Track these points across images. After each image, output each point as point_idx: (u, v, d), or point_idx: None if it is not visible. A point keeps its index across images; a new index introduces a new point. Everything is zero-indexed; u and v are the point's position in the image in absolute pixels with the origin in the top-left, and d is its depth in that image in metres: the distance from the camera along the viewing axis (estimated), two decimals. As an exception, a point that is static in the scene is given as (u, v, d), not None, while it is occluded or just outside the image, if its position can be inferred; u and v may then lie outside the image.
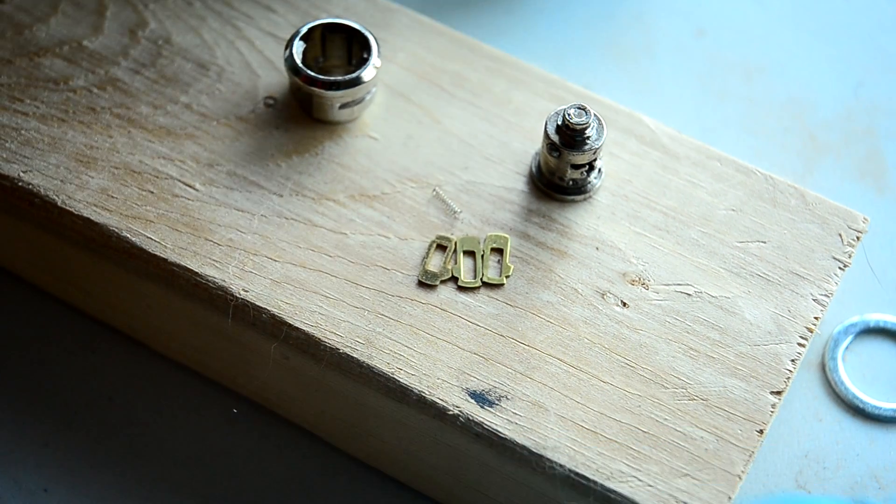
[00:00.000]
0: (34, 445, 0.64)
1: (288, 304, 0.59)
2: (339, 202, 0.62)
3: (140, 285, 0.62)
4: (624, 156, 0.64)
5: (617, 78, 0.76)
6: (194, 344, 0.64)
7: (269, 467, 0.64)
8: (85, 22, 0.67)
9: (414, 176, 0.63)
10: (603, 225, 0.62)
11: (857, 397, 0.66)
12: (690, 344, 0.59)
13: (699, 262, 0.61)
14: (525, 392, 0.57)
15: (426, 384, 0.57)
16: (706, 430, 0.57)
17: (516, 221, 0.62)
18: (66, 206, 0.61)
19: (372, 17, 0.68)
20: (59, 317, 0.68)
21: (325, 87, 0.62)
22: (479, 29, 0.76)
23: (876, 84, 0.76)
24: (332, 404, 0.61)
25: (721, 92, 0.76)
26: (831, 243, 0.62)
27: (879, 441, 0.65)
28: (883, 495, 0.64)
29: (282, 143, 0.64)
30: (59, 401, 0.65)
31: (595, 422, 0.57)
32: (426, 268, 0.60)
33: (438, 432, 0.58)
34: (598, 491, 0.56)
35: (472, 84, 0.66)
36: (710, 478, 0.56)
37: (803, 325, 0.60)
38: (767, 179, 0.64)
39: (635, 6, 0.79)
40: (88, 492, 0.63)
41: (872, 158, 0.74)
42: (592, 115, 0.61)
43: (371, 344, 0.58)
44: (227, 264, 0.60)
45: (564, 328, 0.59)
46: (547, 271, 0.61)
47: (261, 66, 0.66)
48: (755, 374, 0.58)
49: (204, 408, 0.65)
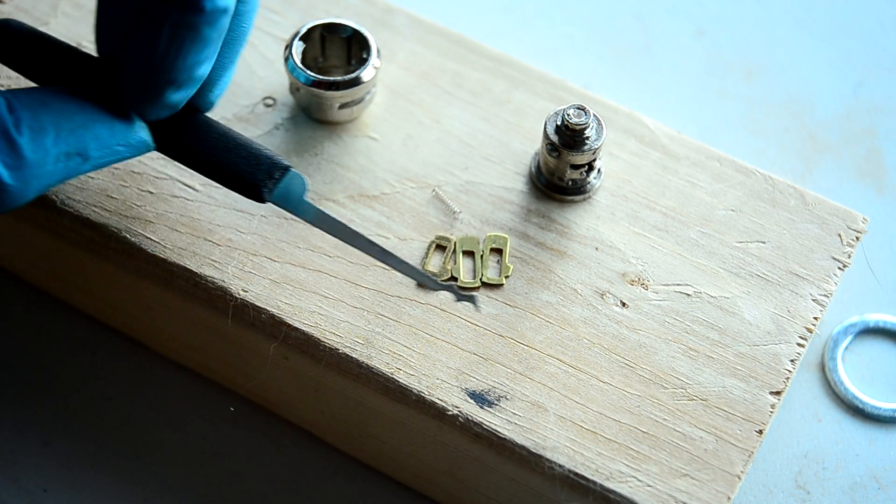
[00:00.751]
0: (34, 445, 0.64)
1: (287, 305, 0.59)
2: (338, 202, 0.62)
3: (140, 285, 0.62)
4: (623, 156, 0.64)
5: (617, 78, 0.76)
6: (194, 344, 0.64)
7: (269, 467, 0.64)
8: (85, 22, 0.67)
9: (413, 176, 0.63)
10: (602, 225, 0.62)
11: (856, 397, 0.66)
12: (690, 344, 0.59)
13: (698, 263, 0.61)
14: (524, 392, 0.57)
15: (425, 384, 0.57)
16: (705, 430, 0.57)
17: (516, 222, 0.62)
18: (65, 206, 0.61)
19: (372, 17, 0.68)
20: (59, 317, 0.68)
21: (325, 88, 0.62)
22: (479, 29, 0.76)
23: (876, 84, 0.76)
24: (332, 404, 0.61)
25: (721, 92, 0.76)
26: (831, 243, 0.62)
27: (879, 441, 0.65)
28: (883, 495, 0.64)
29: (281, 143, 0.64)
30: (59, 401, 0.65)
31: (594, 422, 0.57)
32: (426, 268, 0.60)
33: (438, 432, 0.58)
34: (598, 491, 0.56)
35: (471, 84, 0.66)
36: (710, 478, 0.56)
37: (803, 326, 0.60)
38: (767, 180, 0.64)
39: (635, 6, 0.79)
40: (88, 492, 0.63)
41: (872, 158, 0.74)
42: (592, 116, 0.61)
43: (370, 344, 0.58)
44: (226, 264, 0.60)
45: (564, 328, 0.59)
46: (546, 271, 0.61)
47: (260, 66, 0.66)
48: (754, 375, 0.58)
49: (203, 408, 0.65)
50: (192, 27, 0.52)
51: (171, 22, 0.52)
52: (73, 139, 0.53)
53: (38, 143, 0.52)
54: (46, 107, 0.53)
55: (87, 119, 0.54)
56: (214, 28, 0.53)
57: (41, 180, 0.53)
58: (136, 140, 0.56)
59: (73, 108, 0.54)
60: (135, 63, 0.53)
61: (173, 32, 0.52)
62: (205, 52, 0.53)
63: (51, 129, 0.53)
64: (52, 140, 0.52)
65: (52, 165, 0.53)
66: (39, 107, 0.53)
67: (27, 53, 0.58)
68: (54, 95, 0.54)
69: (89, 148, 0.54)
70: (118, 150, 0.55)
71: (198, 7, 0.52)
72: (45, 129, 0.52)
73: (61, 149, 0.53)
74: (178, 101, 0.55)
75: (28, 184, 0.52)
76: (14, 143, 0.51)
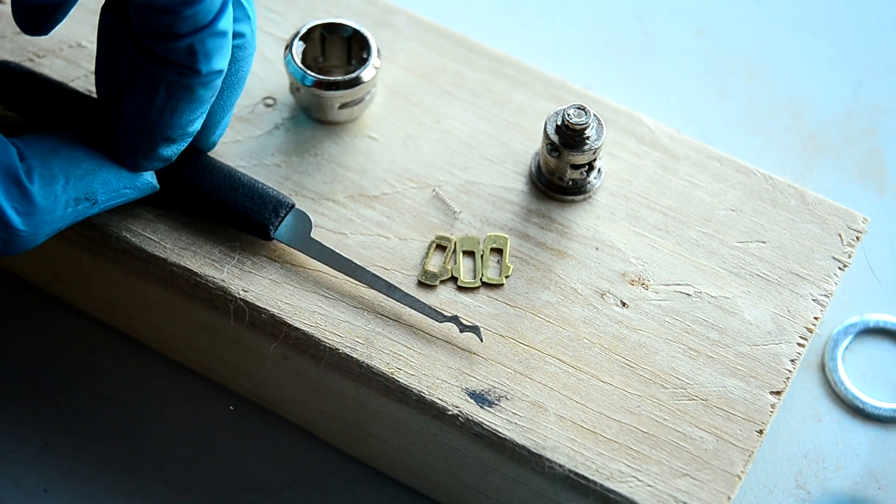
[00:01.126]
0: (34, 445, 0.64)
1: (287, 304, 0.59)
2: (338, 202, 0.62)
3: (140, 285, 0.62)
4: (623, 156, 0.64)
5: (617, 78, 0.76)
6: (194, 344, 0.64)
7: (269, 467, 0.64)
8: (85, 22, 0.67)
9: (413, 176, 0.63)
10: (602, 225, 0.62)
11: (856, 397, 0.66)
12: (690, 344, 0.59)
13: (699, 263, 0.61)
14: (525, 392, 0.57)
15: (426, 384, 0.57)
16: (706, 430, 0.57)
17: (516, 221, 0.62)
18: (65, 206, 0.61)
19: (372, 17, 0.68)
20: (59, 317, 0.68)
21: (325, 88, 0.62)
22: (479, 29, 0.76)
23: (876, 84, 0.76)
24: (332, 404, 0.61)
25: (721, 92, 0.76)
26: (831, 243, 0.62)
27: (879, 441, 0.65)
28: (883, 495, 0.64)
29: (281, 143, 0.64)
30: (59, 401, 0.65)
31: (594, 422, 0.57)
32: (426, 268, 0.60)
33: (438, 432, 0.58)
34: (598, 491, 0.56)
35: (472, 84, 0.66)
36: (710, 478, 0.56)
37: (803, 325, 0.60)
38: (767, 179, 0.64)
39: (635, 6, 0.79)
40: (88, 492, 0.63)
41: (872, 158, 0.74)
42: (592, 115, 0.61)
43: (370, 344, 0.58)
44: (226, 264, 0.60)
45: (564, 328, 0.59)
46: (546, 271, 0.61)
47: (260, 66, 0.66)
48: (755, 374, 0.58)
49: (204, 408, 0.65)
50: (189, 88, 0.54)
51: (168, 83, 0.54)
52: (81, 185, 0.55)
53: (48, 190, 0.54)
54: (56, 154, 0.55)
55: (94, 165, 0.56)
56: (209, 89, 0.55)
57: (51, 225, 0.54)
58: (142, 183, 0.58)
59: (82, 154, 0.55)
60: (129, 118, 0.55)
61: (169, 93, 0.54)
62: (199, 110, 0.55)
63: (61, 176, 0.54)
64: (61, 187, 0.54)
65: (62, 211, 0.54)
66: (50, 154, 0.54)
67: (26, 95, 0.60)
68: (63, 143, 0.55)
69: (97, 192, 0.56)
70: (125, 193, 0.57)
71: (195, 70, 0.53)
72: (55, 177, 0.54)
73: (70, 195, 0.55)
74: (170, 156, 0.57)
75: (39, 229, 0.54)
76: (26, 191, 0.53)
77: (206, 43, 0.53)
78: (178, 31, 0.52)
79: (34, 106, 0.61)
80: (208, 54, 0.53)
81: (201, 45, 0.53)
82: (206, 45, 0.53)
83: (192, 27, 0.52)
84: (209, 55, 0.53)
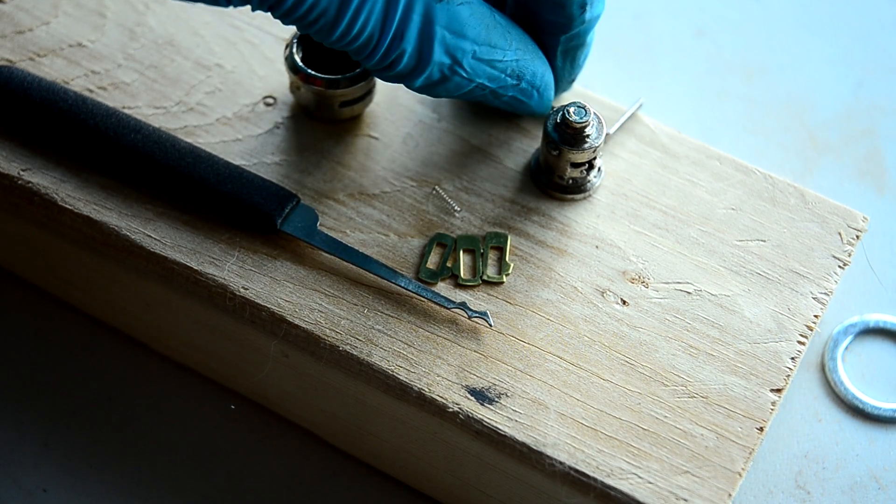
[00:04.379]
0: (34, 445, 0.64)
1: (287, 302, 0.59)
2: (338, 201, 0.62)
3: (140, 284, 0.62)
4: (623, 155, 0.64)
5: (617, 78, 0.76)
6: (194, 343, 0.64)
7: (269, 467, 0.64)
8: (85, 22, 0.67)
9: (414, 174, 0.63)
10: (603, 223, 0.62)
11: (856, 397, 0.66)
12: (690, 342, 0.59)
13: (699, 261, 0.61)
14: (525, 389, 0.57)
15: (426, 381, 0.57)
16: (706, 427, 0.57)
17: (516, 220, 0.62)
18: (65, 204, 0.61)
19: (372, 16, 0.68)
20: (59, 317, 0.68)
21: (326, 86, 0.62)
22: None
23: (876, 84, 0.76)
24: (332, 402, 0.61)
25: (721, 92, 0.76)
26: (831, 242, 0.62)
27: (879, 441, 0.65)
28: (883, 495, 0.64)
29: (282, 141, 0.64)
30: (59, 401, 0.65)
31: (595, 419, 0.57)
32: (426, 266, 0.60)
33: (438, 430, 0.58)
34: (598, 488, 0.56)
35: (471, 83, 0.66)
36: (711, 475, 0.56)
37: (803, 324, 0.60)
38: (767, 178, 0.64)
39: (635, 6, 0.79)
40: (88, 492, 0.63)
41: (872, 158, 0.74)
42: (592, 114, 0.61)
43: (370, 341, 0.58)
44: (226, 262, 0.60)
45: (564, 326, 0.59)
46: (547, 269, 0.61)
47: (261, 65, 0.66)
48: (755, 372, 0.58)
49: (203, 407, 0.65)
50: None
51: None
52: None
53: None
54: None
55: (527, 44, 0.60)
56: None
57: None
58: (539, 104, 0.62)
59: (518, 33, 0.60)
60: None
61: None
62: None
63: None
64: None
65: None
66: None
67: (23, 105, 0.62)
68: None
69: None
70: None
71: None
72: None
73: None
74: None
75: None
76: None
77: None
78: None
79: (33, 114, 0.61)
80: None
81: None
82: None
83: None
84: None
